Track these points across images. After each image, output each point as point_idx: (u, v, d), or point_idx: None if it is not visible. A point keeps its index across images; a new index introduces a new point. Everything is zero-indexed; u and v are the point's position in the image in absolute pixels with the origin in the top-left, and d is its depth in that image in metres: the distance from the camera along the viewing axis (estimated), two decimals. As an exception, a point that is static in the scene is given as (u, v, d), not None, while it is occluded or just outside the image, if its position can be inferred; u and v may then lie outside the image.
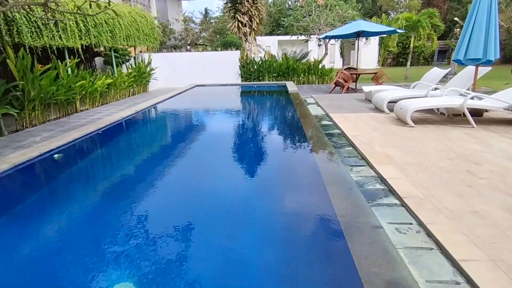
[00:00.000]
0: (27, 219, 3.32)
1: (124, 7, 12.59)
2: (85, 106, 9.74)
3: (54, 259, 2.65)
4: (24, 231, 3.04)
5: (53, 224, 3.21)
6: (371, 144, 4.57)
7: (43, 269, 2.53)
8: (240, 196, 3.73)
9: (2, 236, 3.00)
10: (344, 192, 3.12)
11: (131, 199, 3.65)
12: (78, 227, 3.15)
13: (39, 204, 3.76)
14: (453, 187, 3.12)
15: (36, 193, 3.99)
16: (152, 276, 2.31)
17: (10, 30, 6.93)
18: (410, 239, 2.36)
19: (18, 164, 4.22)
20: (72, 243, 2.86)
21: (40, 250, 2.80)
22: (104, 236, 2.90)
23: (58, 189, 4.22)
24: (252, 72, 15.18)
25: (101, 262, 2.52)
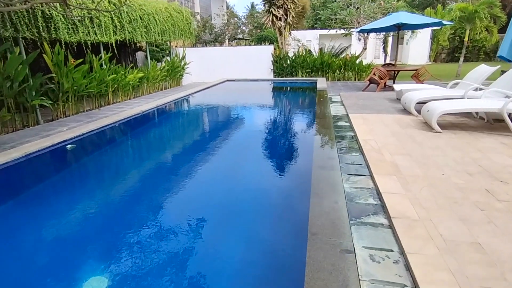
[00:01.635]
0: (41, 199, 3.50)
1: (161, 3, 12.92)
2: (117, 99, 10.21)
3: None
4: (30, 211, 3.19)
5: (59, 205, 3.34)
6: (381, 150, 4.11)
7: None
8: (217, 192, 3.57)
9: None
10: (327, 206, 2.80)
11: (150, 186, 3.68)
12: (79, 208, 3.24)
13: (44, 188, 3.95)
14: (460, 209, 2.64)
15: (41, 181, 4.21)
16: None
17: (48, 27, 7.42)
18: (383, 270, 2.01)
19: (29, 153, 4.49)
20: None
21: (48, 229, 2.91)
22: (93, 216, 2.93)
23: (64, 177, 4.41)
24: (284, 68, 14.81)
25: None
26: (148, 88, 12.06)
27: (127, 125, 7.09)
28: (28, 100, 6.76)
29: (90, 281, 2.37)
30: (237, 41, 26.48)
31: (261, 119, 8.00)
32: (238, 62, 15.38)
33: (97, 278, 2.38)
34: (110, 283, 2.32)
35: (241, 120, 8.25)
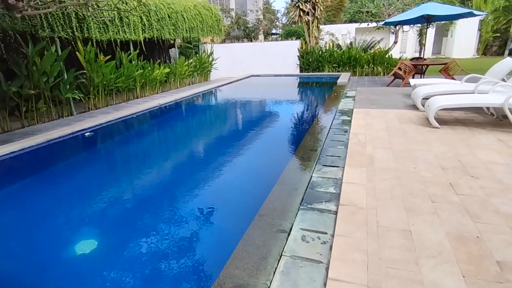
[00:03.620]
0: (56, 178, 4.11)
1: (190, 1, 13.50)
2: (145, 93, 10.97)
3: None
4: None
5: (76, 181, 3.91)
6: (366, 144, 4.14)
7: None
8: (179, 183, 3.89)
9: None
10: (285, 192, 2.98)
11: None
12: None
13: (62, 167, 4.57)
14: (411, 200, 2.68)
15: (60, 162, 4.85)
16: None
17: (81, 27, 8.23)
18: (307, 249, 2.18)
19: (51, 138, 5.17)
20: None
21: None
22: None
23: (81, 159, 5.03)
24: (310, 63, 14.73)
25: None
26: (175, 83, 12.73)
27: (144, 117, 7.69)
28: (62, 93, 7.60)
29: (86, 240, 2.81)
30: (271, 36, 26.59)
31: (264, 111, 8.32)
32: (265, 58, 15.58)
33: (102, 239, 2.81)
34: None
35: (247, 111, 8.63)
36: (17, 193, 3.98)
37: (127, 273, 2.46)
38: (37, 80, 6.86)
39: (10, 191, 4.05)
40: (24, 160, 4.78)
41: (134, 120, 7.29)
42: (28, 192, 3.98)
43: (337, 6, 31.70)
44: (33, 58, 6.73)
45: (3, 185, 4.21)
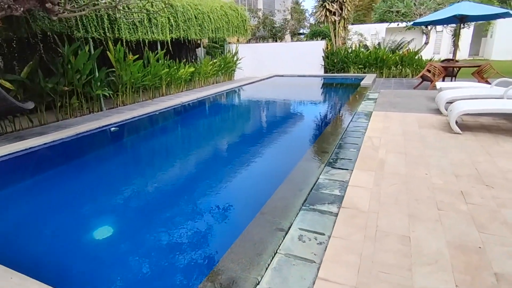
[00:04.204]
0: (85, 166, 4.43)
1: (217, 2, 13.76)
2: (170, 91, 11.35)
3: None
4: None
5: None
6: (379, 148, 4.08)
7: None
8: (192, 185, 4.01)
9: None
10: (290, 192, 3.03)
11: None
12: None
13: (89, 156, 4.90)
14: (416, 207, 2.64)
15: (87, 152, 5.18)
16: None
17: (112, 28, 8.68)
18: (302, 248, 2.22)
19: (80, 132, 5.53)
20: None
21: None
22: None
23: (106, 150, 5.36)
24: (335, 63, 14.52)
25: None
26: (200, 81, 13.04)
27: (167, 114, 7.99)
28: (93, 90, 8.06)
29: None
30: (298, 36, 26.44)
31: (283, 111, 8.38)
32: (289, 58, 15.55)
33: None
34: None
35: (266, 111, 8.70)
36: (47, 181, 4.31)
37: (141, 254, 2.62)
38: (71, 77, 7.34)
39: (41, 179, 4.40)
40: (55, 151, 5.15)
41: (157, 117, 7.60)
42: (56, 180, 4.31)
43: (367, 5, 30.91)
44: (68, 57, 7.21)
45: (36, 173, 4.59)
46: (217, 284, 1.89)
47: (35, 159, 4.90)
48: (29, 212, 3.50)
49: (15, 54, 8.19)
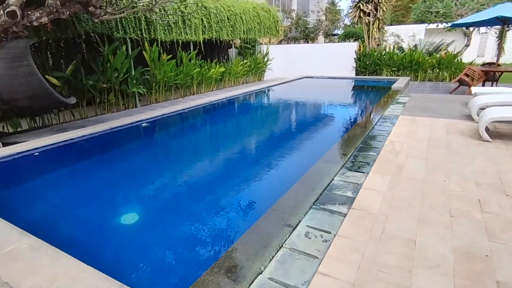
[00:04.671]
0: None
1: (250, 3, 14.00)
2: (201, 90, 11.74)
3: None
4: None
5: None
6: (400, 153, 4.03)
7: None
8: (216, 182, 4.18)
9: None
10: (303, 191, 3.11)
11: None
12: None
13: (122, 148, 5.29)
14: (428, 212, 2.62)
15: (122, 145, 5.59)
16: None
17: (149, 29, 9.17)
18: (307, 244, 2.31)
19: (115, 126, 5.97)
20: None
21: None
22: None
23: (138, 144, 5.75)
24: (367, 66, 14.20)
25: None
26: (230, 81, 13.35)
27: (196, 112, 8.32)
28: (129, 88, 8.58)
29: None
30: (331, 37, 26.07)
31: (308, 112, 8.40)
32: (320, 59, 15.42)
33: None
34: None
35: (291, 111, 8.77)
36: (83, 169, 4.73)
37: (162, 237, 2.85)
38: (109, 75, 7.88)
39: (78, 167, 4.83)
40: (92, 143, 5.61)
41: (186, 114, 7.94)
42: (91, 169, 4.71)
43: (406, 5, 29.71)
44: (108, 56, 7.75)
45: (75, 162, 5.04)
46: (222, 270, 2.05)
47: (75, 150, 5.37)
48: (67, 195, 3.88)
49: (62, 53, 8.94)
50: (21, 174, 4.52)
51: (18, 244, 2.29)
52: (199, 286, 1.92)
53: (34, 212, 3.41)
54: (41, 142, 5.12)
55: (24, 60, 5.34)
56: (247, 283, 1.93)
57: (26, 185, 4.24)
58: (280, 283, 1.94)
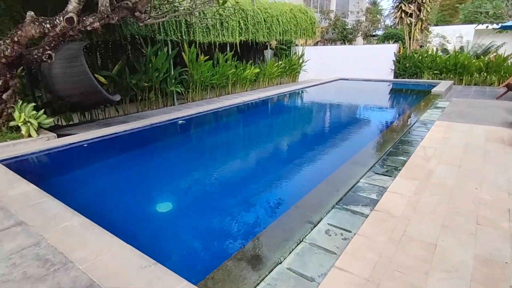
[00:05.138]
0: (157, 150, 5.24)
1: (287, 5, 14.10)
2: (236, 90, 12.06)
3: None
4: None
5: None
6: (431, 159, 3.96)
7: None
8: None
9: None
10: (327, 191, 3.20)
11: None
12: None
13: (159, 143, 5.70)
14: (453, 219, 2.60)
15: (159, 140, 6.00)
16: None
17: (188, 31, 9.64)
18: (327, 241, 2.41)
19: (154, 123, 6.41)
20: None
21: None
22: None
23: (175, 139, 6.13)
24: (407, 68, 13.70)
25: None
26: (264, 82, 13.55)
27: (229, 111, 8.61)
28: (168, 87, 9.08)
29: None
30: (371, 38, 25.35)
31: (341, 114, 8.36)
32: (357, 61, 15.13)
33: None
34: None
35: (324, 113, 8.75)
36: (125, 160, 5.16)
37: (196, 222, 3.09)
38: (151, 75, 8.40)
39: (121, 158, 5.28)
40: (133, 137, 6.08)
41: (220, 113, 8.26)
42: (131, 160, 5.13)
43: (454, 5, 28.09)
44: (150, 57, 8.27)
45: (117, 154, 5.51)
46: (244, 257, 2.22)
47: (118, 143, 5.85)
48: (110, 182, 4.29)
49: (109, 54, 9.68)
50: (72, 162, 5.04)
51: (71, 222, 2.63)
52: (223, 269, 2.11)
53: (83, 195, 3.83)
54: (90, 135, 5.64)
55: (77, 60, 5.91)
56: (266, 270, 2.09)
57: (76, 172, 4.73)
58: (297, 273, 2.07)
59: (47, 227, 2.56)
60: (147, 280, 1.93)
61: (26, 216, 2.74)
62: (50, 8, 6.13)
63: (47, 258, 2.18)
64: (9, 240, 2.40)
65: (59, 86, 6.00)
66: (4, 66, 4.82)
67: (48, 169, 4.81)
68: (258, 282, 1.99)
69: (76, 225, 2.60)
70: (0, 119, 5.18)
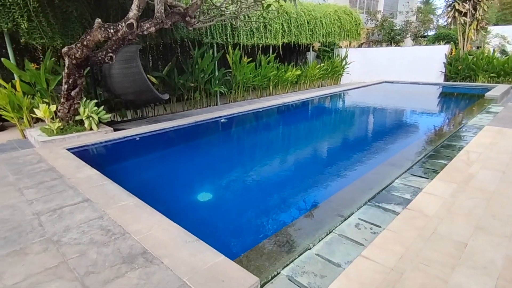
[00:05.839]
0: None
1: (332, 7, 14.02)
2: (277, 91, 12.28)
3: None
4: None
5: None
6: (473, 163, 3.83)
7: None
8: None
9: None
10: (359, 189, 3.29)
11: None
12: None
13: (202, 138, 6.12)
14: (489, 222, 2.57)
15: (203, 136, 6.44)
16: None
17: (233, 34, 10.07)
18: (355, 233, 2.53)
19: (198, 120, 6.87)
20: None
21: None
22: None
23: (217, 135, 6.53)
24: (459, 71, 12.90)
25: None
26: (305, 84, 13.61)
27: (269, 111, 8.86)
28: (212, 87, 9.57)
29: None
30: (421, 39, 24.11)
31: (382, 116, 8.20)
32: (403, 63, 14.55)
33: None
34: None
35: (364, 115, 8.61)
36: (172, 153, 5.64)
37: (235, 212, 3.37)
38: (197, 75, 8.94)
39: (168, 151, 5.78)
40: (179, 133, 6.57)
41: (261, 113, 8.54)
42: (177, 152, 5.59)
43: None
44: (197, 59, 8.81)
45: (165, 147, 6.02)
46: (277, 241, 2.42)
47: (166, 137, 6.37)
48: (158, 171, 4.75)
49: (160, 56, 10.44)
50: (126, 153, 5.62)
51: (127, 202, 3.03)
52: (256, 250, 2.33)
53: (135, 181, 4.30)
54: (141, 130, 6.22)
55: (134, 61, 6.54)
56: (296, 254, 2.27)
57: (129, 161, 5.29)
58: (325, 259, 2.22)
59: (108, 205, 2.98)
60: (190, 252, 2.21)
61: (91, 195, 3.21)
62: (112, 15, 6.86)
63: (108, 228, 2.57)
64: (79, 213, 2.84)
65: (117, 85, 6.67)
66: (74, 67, 5.52)
67: (106, 157, 5.42)
68: (287, 263, 2.18)
69: (131, 204, 2.99)
70: (68, 113, 5.91)
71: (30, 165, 4.14)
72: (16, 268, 2.09)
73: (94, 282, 1.95)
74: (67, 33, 6.30)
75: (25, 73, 5.98)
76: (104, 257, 2.19)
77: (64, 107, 5.82)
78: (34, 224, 2.66)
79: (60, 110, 5.87)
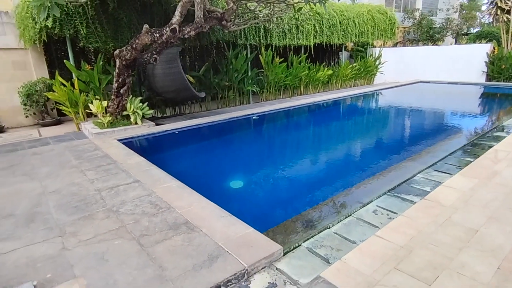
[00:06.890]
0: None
1: (365, 7, 13.93)
2: (308, 91, 12.48)
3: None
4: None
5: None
6: (500, 161, 3.87)
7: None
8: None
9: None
10: (379, 181, 3.51)
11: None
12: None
13: (236, 134, 6.57)
14: (505, 213, 2.69)
15: (235, 132, 6.88)
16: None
17: (266, 36, 10.44)
18: (372, 217, 2.78)
19: (232, 117, 7.32)
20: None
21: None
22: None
23: (246, 131, 6.95)
24: (502, 70, 12.29)
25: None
26: (337, 84, 13.65)
27: (299, 110, 9.13)
28: (245, 86, 10.01)
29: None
30: (460, 37, 22.99)
31: (415, 117, 8.16)
32: (440, 63, 14.09)
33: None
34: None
35: (396, 115, 8.60)
36: (207, 145, 6.14)
37: (263, 192, 3.74)
38: (231, 75, 9.42)
39: (204, 143, 6.30)
40: (213, 128, 7.07)
41: (291, 112, 8.84)
42: (212, 144, 6.08)
43: None
44: (231, 59, 9.29)
45: (201, 140, 6.56)
46: (299, 220, 2.74)
47: (202, 131, 6.90)
48: (196, 159, 5.25)
49: (197, 57, 11.07)
50: (167, 144, 6.21)
51: (170, 184, 3.50)
52: (281, 226, 2.67)
53: (177, 167, 4.82)
54: (179, 124, 6.78)
55: (174, 62, 7.12)
56: (316, 231, 2.57)
57: (170, 151, 5.86)
58: (342, 236, 2.51)
59: (155, 185, 3.47)
60: (224, 224, 2.60)
61: (140, 177, 3.72)
62: (156, 20, 7.51)
63: (156, 203, 3.03)
64: (132, 191, 3.35)
65: (159, 83, 7.30)
66: (124, 67, 6.17)
67: (150, 148, 6.04)
68: (308, 238, 2.49)
69: (174, 186, 3.45)
70: (117, 109, 6.60)
71: (88, 152, 4.79)
72: (87, 229, 2.60)
73: (147, 242, 2.39)
74: (117, 37, 7.02)
75: (82, 73, 6.77)
76: (154, 224, 2.64)
77: (114, 103, 6.51)
78: (97, 198, 3.19)
79: (110, 106, 6.58)
